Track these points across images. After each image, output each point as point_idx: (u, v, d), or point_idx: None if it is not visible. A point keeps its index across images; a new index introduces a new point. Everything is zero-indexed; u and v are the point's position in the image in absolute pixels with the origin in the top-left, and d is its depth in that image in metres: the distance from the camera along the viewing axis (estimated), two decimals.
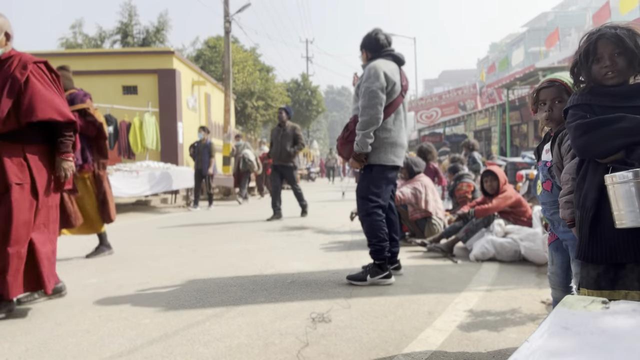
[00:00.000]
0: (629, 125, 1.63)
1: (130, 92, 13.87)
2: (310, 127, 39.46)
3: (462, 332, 2.49)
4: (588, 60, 1.75)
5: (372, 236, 3.55)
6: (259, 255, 4.71)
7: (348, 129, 3.63)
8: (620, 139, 1.64)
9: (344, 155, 3.69)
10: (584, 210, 1.69)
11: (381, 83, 3.43)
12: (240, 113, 23.96)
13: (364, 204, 3.59)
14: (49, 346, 2.40)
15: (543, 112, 2.07)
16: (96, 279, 3.85)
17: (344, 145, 3.65)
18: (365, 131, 3.42)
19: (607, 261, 1.64)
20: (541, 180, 2.13)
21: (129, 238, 6.19)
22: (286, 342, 2.39)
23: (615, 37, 1.69)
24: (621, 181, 1.59)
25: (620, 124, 1.65)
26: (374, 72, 3.46)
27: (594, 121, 1.70)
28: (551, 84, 2.07)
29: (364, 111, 3.42)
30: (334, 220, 7.53)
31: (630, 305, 0.60)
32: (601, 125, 1.68)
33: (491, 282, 3.54)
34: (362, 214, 3.63)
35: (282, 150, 7.87)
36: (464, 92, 25.53)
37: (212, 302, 3.11)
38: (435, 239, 4.93)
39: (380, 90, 3.41)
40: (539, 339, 0.51)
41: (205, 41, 25.44)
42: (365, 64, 3.68)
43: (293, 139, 7.92)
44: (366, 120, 3.41)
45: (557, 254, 2.15)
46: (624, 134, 1.63)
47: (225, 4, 15.73)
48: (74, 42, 22.97)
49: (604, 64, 1.71)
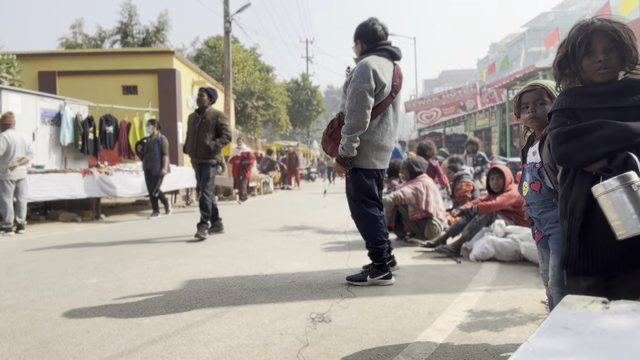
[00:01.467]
0: (609, 132, 1.58)
1: (130, 92, 13.87)
2: (310, 127, 39.45)
3: (462, 332, 2.49)
4: (579, 53, 1.67)
5: (370, 239, 3.51)
6: (259, 255, 4.71)
7: (332, 126, 3.48)
8: (601, 147, 1.59)
9: (327, 151, 3.57)
10: (572, 219, 1.64)
11: (371, 85, 3.27)
12: (240, 113, 23.96)
13: (356, 205, 3.52)
14: (49, 346, 2.40)
15: (526, 114, 2.08)
16: (96, 279, 3.85)
17: (327, 142, 3.52)
18: (351, 135, 3.29)
19: (599, 274, 1.61)
20: (529, 181, 2.13)
21: (129, 238, 6.18)
22: (286, 342, 2.39)
23: (612, 31, 1.63)
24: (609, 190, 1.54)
25: (600, 132, 1.60)
26: (363, 72, 3.29)
27: (573, 129, 1.64)
28: (533, 87, 2.10)
29: (351, 114, 3.27)
30: (334, 220, 7.52)
31: (630, 305, 0.60)
32: (581, 134, 1.63)
33: (491, 282, 3.54)
34: (353, 216, 3.59)
35: (198, 145, 6.02)
36: (464, 92, 25.52)
37: (212, 302, 3.11)
38: (441, 239, 4.92)
39: (369, 92, 3.26)
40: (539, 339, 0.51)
41: (205, 41, 25.44)
42: (359, 58, 3.51)
43: (215, 130, 6.08)
44: (352, 124, 3.27)
45: (547, 250, 2.16)
46: (605, 142, 1.58)
47: (225, 4, 15.73)
48: (74, 42, 22.96)
49: (597, 58, 1.64)
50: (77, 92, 12.38)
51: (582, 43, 1.66)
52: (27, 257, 4.90)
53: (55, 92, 12.63)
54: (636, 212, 1.50)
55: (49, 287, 3.60)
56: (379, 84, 3.34)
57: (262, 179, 15.15)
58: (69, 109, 9.80)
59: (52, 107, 9.57)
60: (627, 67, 1.67)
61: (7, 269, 4.34)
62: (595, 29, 1.65)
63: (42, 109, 9.28)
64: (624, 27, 1.65)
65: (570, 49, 1.70)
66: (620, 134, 1.56)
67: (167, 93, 13.75)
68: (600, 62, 1.64)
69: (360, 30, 3.57)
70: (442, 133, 24.58)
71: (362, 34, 3.56)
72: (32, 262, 4.61)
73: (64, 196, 7.88)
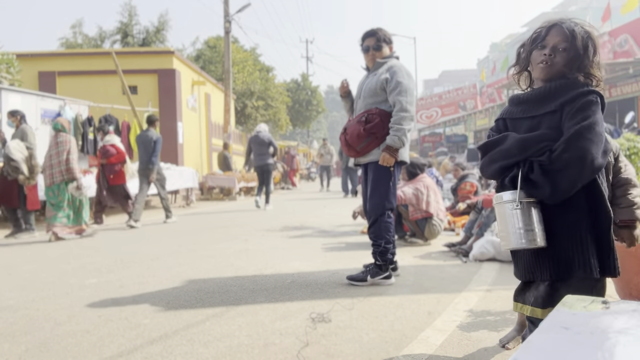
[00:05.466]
0: (506, 146, 1.64)
1: (131, 92, 13.86)
2: (310, 127, 39.45)
3: (462, 332, 2.49)
4: (534, 43, 1.70)
5: (380, 237, 3.49)
6: (259, 255, 4.71)
7: (370, 120, 3.42)
8: (498, 162, 1.66)
9: (356, 149, 3.47)
10: None
11: (413, 83, 3.55)
12: (240, 113, 23.96)
13: (382, 202, 3.45)
14: (49, 346, 2.40)
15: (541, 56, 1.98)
16: (96, 279, 3.85)
17: (362, 138, 3.42)
18: (408, 127, 3.42)
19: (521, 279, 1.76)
20: None
21: (128, 238, 6.18)
22: (286, 342, 2.39)
23: (569, 31, 1.62)
24: (499, 202, 1.62)
25: (500, 146, 1.67)
26: (407, 72, 3.52)
27: (484, 144, 1.74)
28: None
29: (406, 107, 3.40)
30: (334, 220, 7.52)
31: (631, 305, 0.60)
32: (489, 148, 1.72)
33: (491, 282, 3.54)
34: (375, 214, 3.50)
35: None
36: (464, 92, 25.54)
37: (212, 302, 3.11)
38: (461, 242, 4.88)
39: (413, 90, 3.51)
40: (539, 339, 0.51)
41: (205, 41, 25.44)
42: (384, 60, 3.60)
43: None
44: (407, 116, 3.40)
45: None
46: (502, 156, 1.65)
47: (225, 4, 15.74)
48: (74, 42, 22.96)
49: (544, 51, 1.65)
50: (77, 92, 12.39)
51: (539, 34, 1.69)
52: (27, 257, 4.90)
53: (55, 92, 12.64)
54: (522, 228, 1.55)
55: (49, 287, 3.61)
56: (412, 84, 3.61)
57: None
58: (69, 109, 9.81)
59: (52, 107, 9.58)
60: (573, 72, 1.65)
61: (7, 269, 4.34)
62: (554, 25, 1.67)
63: (42, 109, 9.29)
64: (587, 34, 1.63)
65: (531, 37, 1.74)
66: (514, 148, 1.62)
67: (167, 93, 13.76)
68: (545, 56, 1.65)
69: (387, 36, 3.67)
70: (442, 133, 24.58)
71: (388, 40, 3.68)
72: (32, 262, 4.61)
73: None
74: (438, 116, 25.42)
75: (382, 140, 3.44)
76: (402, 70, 3.51)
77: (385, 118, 3.44)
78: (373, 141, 3.44)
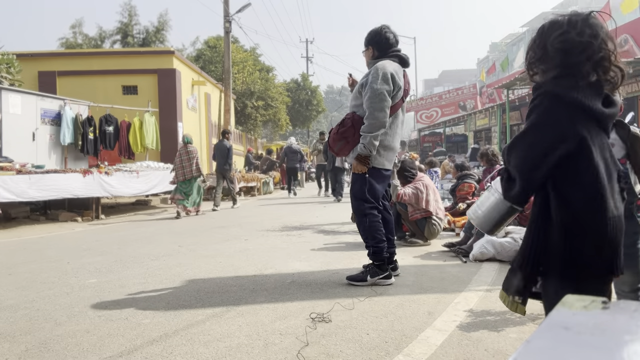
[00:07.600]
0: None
1: (130, 92, 13.87)
2: (310, 127, 39.44)
3: (462, 332, 2.49)
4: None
5: (370, 238, 3.53)
6: (259, 255, 4.71)
7: (344, 124, 3.52)
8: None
9: (334, 150, 3.59)
10: None
11: (389, 86, 3.39)
12: (240, 113, 23.96)
13: (359, 205, 3.55)
14: (49, 346, 2.40)
15: None
16: (96, 279, 3.85)
17: (336, 141, 3.54)
18: (374, 134, 3.37)
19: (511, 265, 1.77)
20: None
21: (129, 238, 6.18)
22: (286, 342, 2.39)
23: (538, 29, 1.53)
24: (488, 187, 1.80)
25: None
26: (382, 74, 3.40)
27: None
28: None
29: (373, 114, 3.36)
30: (334, 220, 7.52)
31: (631, 305, 0.60)
32: None
33: (491, 282, 3.53)
34: (358, 215, 3.59)
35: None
36: (464, 92, 25.55)
37: (212, 302, 3.11)
38: (461, 242, 4.88)
39: (387, 93, 3.38)
40: (539, 339, 0.51)
41: (205, 41, 25.46)
42: (371, 62, 3.61)
43: None
44: (374, 123, 3.36)
45: None
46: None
47: (225, 4, 15.74)
48: (74, 42, 22.99)
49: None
50: (77, 92, 12.38)
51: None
52: (27, 257, 4.90)
53: (55, 92, 12.63)
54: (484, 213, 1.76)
55: (49, 287, 3.61)
56: (396, 86, 3.47)
57: (262, 179, 15.13)
58: (69, 109, 9.80)
59: (52, 107, 9.57)
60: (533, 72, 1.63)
61: (7, 269, 4.34)
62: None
63: (42, 109, 9.29)
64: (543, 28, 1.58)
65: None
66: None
67: (167, 93, 13.75)
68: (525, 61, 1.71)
69: (373, 37, 3.64)
70: (442, 133, 24.59)
71: (374, 41, 3.63)
72: (32, 262, 4.61)
73: (65, 195, 7.88)
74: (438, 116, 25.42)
75: (353, 145, 3.48)
76: (379, 74, 3.40)
77: (357, 124, 3.46)
78: (345, 145, 3.51)
